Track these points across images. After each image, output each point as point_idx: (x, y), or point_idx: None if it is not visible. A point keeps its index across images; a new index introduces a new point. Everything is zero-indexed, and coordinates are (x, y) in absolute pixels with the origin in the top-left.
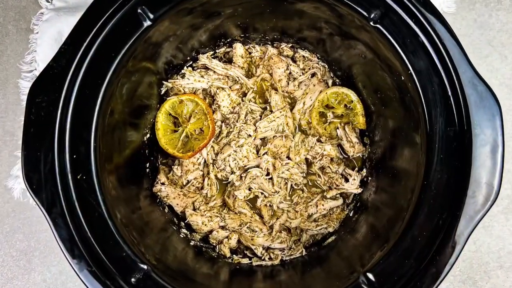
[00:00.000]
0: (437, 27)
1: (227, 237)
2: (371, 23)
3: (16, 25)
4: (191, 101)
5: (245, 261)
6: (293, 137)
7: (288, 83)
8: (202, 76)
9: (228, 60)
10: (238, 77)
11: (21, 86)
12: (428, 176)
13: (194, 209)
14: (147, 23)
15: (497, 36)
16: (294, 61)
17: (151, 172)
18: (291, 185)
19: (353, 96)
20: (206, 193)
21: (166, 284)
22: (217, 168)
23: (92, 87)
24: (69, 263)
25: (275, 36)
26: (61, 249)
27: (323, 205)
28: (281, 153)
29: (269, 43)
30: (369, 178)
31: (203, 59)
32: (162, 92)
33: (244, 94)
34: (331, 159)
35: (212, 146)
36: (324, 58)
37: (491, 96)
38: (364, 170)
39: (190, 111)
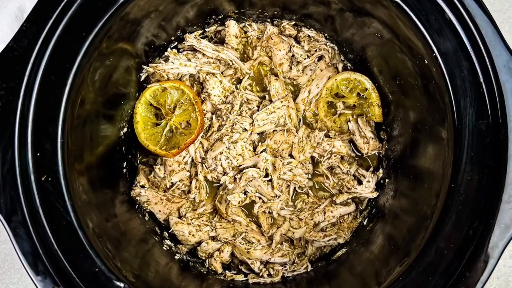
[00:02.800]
0: (467, 1)
1: (218, 249)
2: None
3: None
4: (176, 89)
5: (240, 278)
6: (297, 132)
7: (290, 68)
8: (189, 60)
9: (219, 40)
10: (231, 61)
11: None
12: (456, 178)
13: (180, 217)
14: None
15: None
16: (298, 42)
17: (128, 173)
18: (294, 188)
19: (367, 83)
20: (194, 198)
21: None
22: (207, 168)
23: (59, 72)
24: (32, 280)
25: (276, 12)
26: (23, 264)
27: (332, 212)
28: (282, 150)
29: (268, 20)
30: (387, 180)
31: (190, 39)
32: (142, 78)
33: (239, 81)
34: (342, 158)
35: (201, 142)
36: (333, 38)
37: None
38: (381, 171)
39: (175, 101)
